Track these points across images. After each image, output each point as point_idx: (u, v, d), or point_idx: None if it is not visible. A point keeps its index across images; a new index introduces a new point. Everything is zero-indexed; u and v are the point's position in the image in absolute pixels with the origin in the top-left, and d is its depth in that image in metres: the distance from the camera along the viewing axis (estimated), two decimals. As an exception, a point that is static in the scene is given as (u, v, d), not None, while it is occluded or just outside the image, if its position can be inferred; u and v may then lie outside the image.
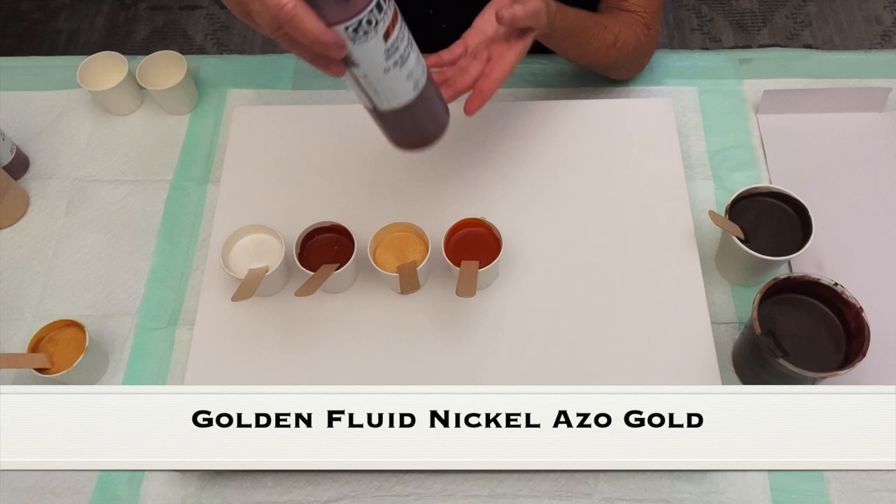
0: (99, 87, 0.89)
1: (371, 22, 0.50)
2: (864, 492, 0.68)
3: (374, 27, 0.50)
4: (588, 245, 0.78)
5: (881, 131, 0.88)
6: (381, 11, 0.50)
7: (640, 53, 0.86)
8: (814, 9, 1.92)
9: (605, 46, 0.81)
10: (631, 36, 0.83)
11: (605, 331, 0.73)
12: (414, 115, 0.60)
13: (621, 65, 0.86)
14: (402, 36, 0.53)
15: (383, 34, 0.51)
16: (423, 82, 0.59)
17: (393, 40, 0.52)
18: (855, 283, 0.67)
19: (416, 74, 0.57)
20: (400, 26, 0.53)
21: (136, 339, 0.79)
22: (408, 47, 0.55)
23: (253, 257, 0.76)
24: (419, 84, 0.58)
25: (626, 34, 0.82)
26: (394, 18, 0.52)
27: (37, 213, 0.88)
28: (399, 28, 0.53)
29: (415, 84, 0.57)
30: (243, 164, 0.85)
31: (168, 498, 0.70)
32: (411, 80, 0.57)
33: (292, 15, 0.46)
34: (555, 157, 0.84)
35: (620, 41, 0.81)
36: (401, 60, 0.54)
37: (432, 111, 0.63)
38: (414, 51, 0.56)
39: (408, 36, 0.55)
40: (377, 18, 0.50)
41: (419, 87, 0.58)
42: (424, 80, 0.59)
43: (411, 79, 0.57)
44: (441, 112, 0.64)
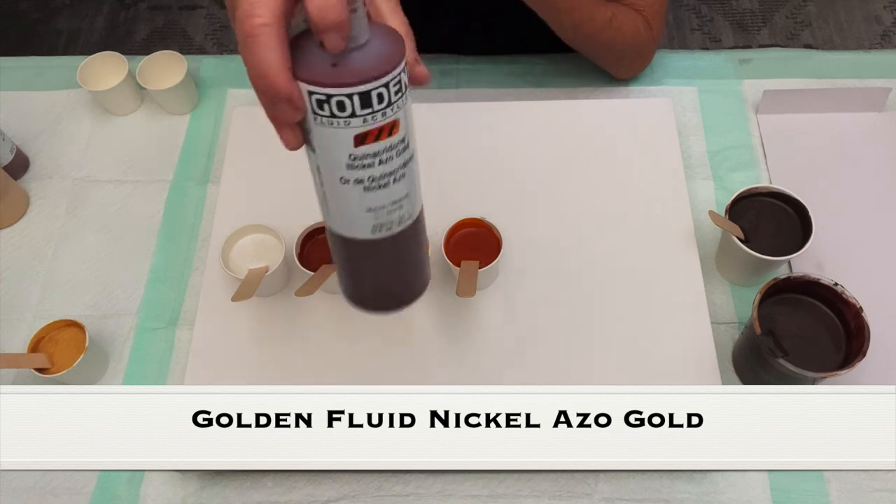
0: (99, 87, 0.89)
1: (343, 108, 0.36)
2: (864, 492, 0.68)
3: (344, 119, 0.37)
4: (588, 245, 0.78)
5: (881, 131, 0.88)
6: (365, 107, 0.36)
7: (640, 48, 0.86)
8: (814, 9, 1.92)
9: (600, 22, 0.80)
10: (629, 23, 0.82)
11: (605, 331, 0.73)
12: (362, 261, 0.45)
13: (619, 51, 0.85)
14: (388, 159, 0.39)
15: (355, 136, 0.37)
16: (396, 233, 0.42)
17: (366, 153, 0.38)
18: (855, 283, 0.66)
19: (388, 217, 0.41)
20: (390, 145, 0.39)
21: (136, 339, 0.79)
22: (390, 179, 0.40)
23: (253, 257, 0.76)
24: (387, 229, 0.42)
25: (623, 19, 0.81)
26: (385, 129, 0.38)
27: (37, 213, 0.88)
28: (388, 147, 0.39)
29: (378, 226, 0.42)
30: (243, 164, 0.85)
31: (168, 498, 0.70)
32: (375, 219, 0.41)
33: (256, 33, 0.35)
34: (555, 157, 0.84)
35: (617, 21, 0.81)
36: (369, 184, 0.39)
37: (392, 273, 0.46)
38: (397, 190, 0.41)
39: (400, 169, 0.40)
40: (353, 109, 0.36)
41: (384, 233, 0.42)
42: (400, 230, 0.43)
43: (377, 218, 0.41)
44: (408, 282, 0.47)
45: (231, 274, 0.73)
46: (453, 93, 0.94)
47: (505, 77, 0.95)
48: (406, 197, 0.42)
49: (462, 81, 0.95)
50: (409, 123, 0.39)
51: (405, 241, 0.44)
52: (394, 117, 0.38)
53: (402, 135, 0.39)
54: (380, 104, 0.37)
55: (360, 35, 0.36)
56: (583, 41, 0.84)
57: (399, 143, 0.39)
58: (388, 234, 0.42)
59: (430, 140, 0.86)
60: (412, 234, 0.44)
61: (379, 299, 0.47)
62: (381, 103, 0.37)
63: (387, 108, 0.37)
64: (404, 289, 0.47)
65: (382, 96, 0.36)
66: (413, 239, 0.44)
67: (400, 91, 0.37)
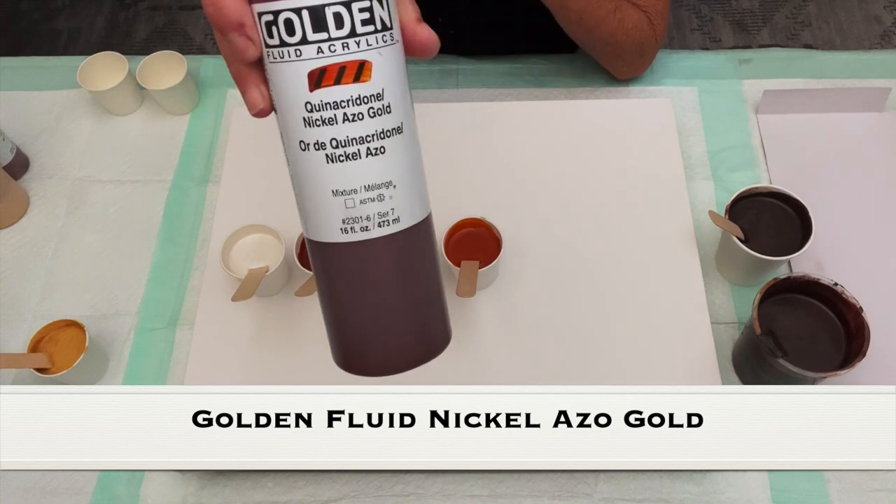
0: (99, 87, 0.89)
1: (292, 29, 0.30)
2: (864, 492, 0.68)
3: (294, 47, 0.30)
4: (588, 245, 0.78)
5: (881, 131, 0.88)
6: (318, 30, 0.30)
7: (642, 44, 0.86)
8: (814, 9, 1.92)
9: (604, 12, 0.80)
10: (632, 19, 0.82)
11: (605, 331, 0.73)
12: (336, 283, 0.34)
13: (620, 46, 0.85)
14: (356, 117, 0.31)
15: (310, 73, 0.30)
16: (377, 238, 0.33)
17: (325, 100, 0.31)
18: (855, 283, 0.66)
19: (362, 210, 0.32)
20: (358, 96, 0.31)
21: (136, 339, 0.79)
22: (361, 149, 0.31)
23: (253, 257, 0.76)
24: (361, 227, 0.32)
25: (627, 13, 0.82)
26: (349, 69, 0.30)
27: (37, 213, 0.88)
28: (354, 97, 0.31)
29: (350, 221, 0.32)
30: (243, 164, 0.85)
31: (168, 498, 0.70)
32: (344, 208, 0.32)
33: None
34: (555, 157, 0.84)
35: (621, 14, 0.81)
36: (332, 150, 0.31)
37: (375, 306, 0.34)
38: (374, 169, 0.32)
39: (377, 138, 0.32)
40: (304, 32, 0.30)
41: (358, 234, 0.32)
42: (382, 236, 0.33)
43: (347, 207, 0.32)
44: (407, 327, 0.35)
45: (231, 274, 0.73)
46: (453, 93, 0.94)
47: (505, 77, 0.95)
48: (389, 186, 0.32)
49: (462, 81, 0.95)
50: (392, 80, 0.32)
51: (392, 256, 0.33)
52: (361, 56, 0.30)
53: (376, 86, 0.31)
54: (338, 29, 0.30)
55: None
56: (586, 33, 0.84)
57: (372, 97, 0.31)
58: (365, 238, 0.32)
59: (430, 140, 0.86)
60: (405, 251, 0.34)
61: (363, 351, 0.35)
62: (341, 28, 0.30)
63: (349, 37, 0.30)
64: (400, 338, 0.34)
65: (341, 18, 0.30)
66: (406, 259, 0.34)
67: (371, 23, 0.31)
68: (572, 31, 0.83)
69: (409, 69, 0.35)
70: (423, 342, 0.36)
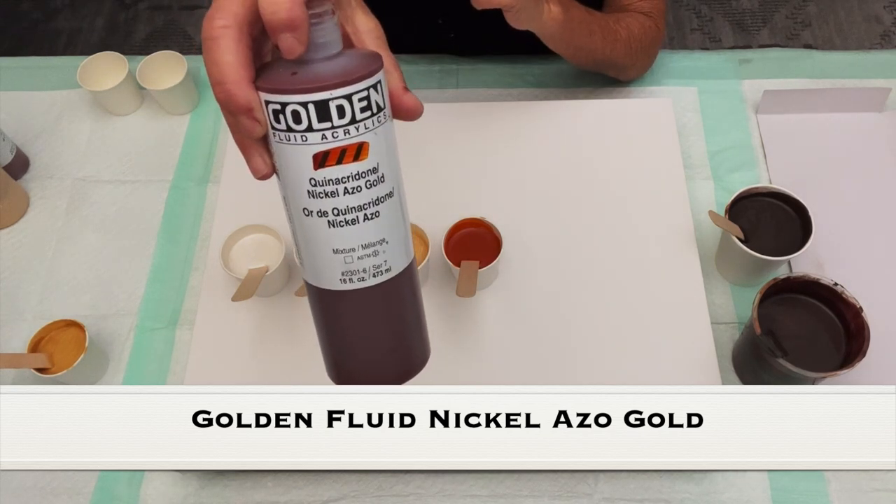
0: (99, 87, 0.89)
1: (299, 119, 0.33)
2: (864, 492, 0.68)
3: (300, 133, 0.34)
4: (588, 245, 0.78)
5: (881, 131, 0.88)
6: (323, 120, 0.33)
7: (649, 49, 0.86)
8: (814, 9, 1.92)
9: (620, 41, 0.80)
10: (636, 26, 0.83)
11: (605, 331, 0.73)
12: (333, 320, 0.39)
13: (634, 58, 0.85)
14: (355, 189, 0.35)
15: (314, 155, 0.34)
16: (371, 286, 0.37)
17: (328, 177, 0.34)
18: (855, 283, 0.66)
19: (359, 264, 0.37)
20: (357, 172, 0.35)
21: (136, 339, 0.79)
22: (359, 215, 0.36)
23: (253, 257, 0.76)
24: (358, 279, 0.37)
25: (635, 29, 0.82)
26: (350, 151, 0.34)
27: (37, 213, 0.88)
28: (354, 174, 0.35)
29: (348, 274, 0.37)
30: (243, 164, 0.85)
31: (168, 498, 0.70)
32: (344, 264, 0.37)
33: (215, 35, 0.34)
34: (555, 157, 0.84)
35: (627, 31, 0.82)
36: (334, 218, 0.35)
37: (367, 339, 0.40)
38: (369, 230, 0.36)
39: (372, 205, 0.36)
40: (310, 121, 0.33)
41: (355, 283, 0.37)
42: (376, 284, 0.37)
43: (346, 263, 0.36)
44: (391, 355, 0.41)
45: (231, 274, 0.73)
46: (453, 93, 0.94)
47: (505, 77, 0.95)
48: (382, 243, 0.37)
49: (462, 81, 0.95)
50: (385, 154, 0.36)
51: (384, 299, 0.38)
52: (360, 139, 0.34)
53: (372, 162, 0.35)
54: (340, 118, 0.34)
55: (325, 46, 0.34)
56: (603, 68, 0.86)
57: (369, 171, 0.35)
58: (361, 287, 0.37)
59: (430, 140, 0.86)
60: (394, 293, 0.38)
61: (355, 373, 0.41)
62: (343, 118, 0.34)
63: (350, 125, 0.34)
64: (386, 363, 0.40)
65: (343, 110, 0.34)
66: (395, 300, 0.39)
67: (368, 110, 0.34)
68: (588, 65, 0.84)
69: (409, 69, 0.37)
70: (407, 364, 0.41)
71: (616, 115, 0.87)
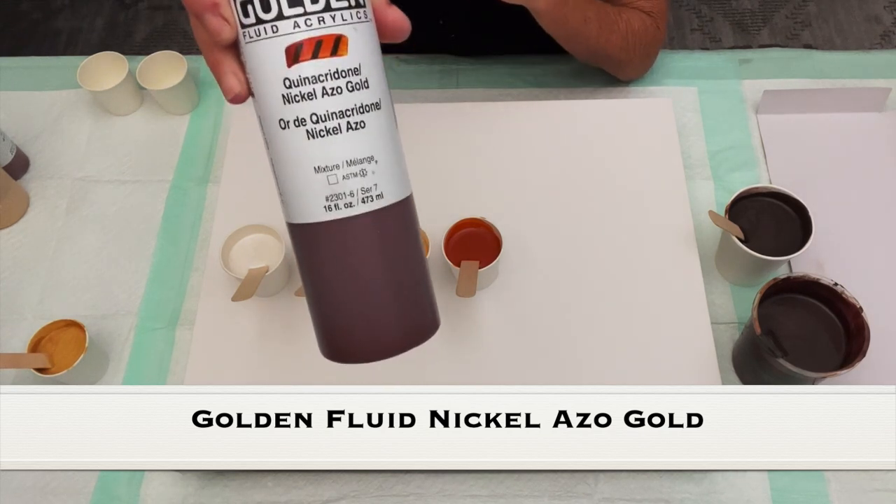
0: (99, 87, 0.89)
1: (268, 5, 0.31)
2: (864, 492, 0.68)
3: (270, 23, 0.31)
4: (588, 245, 0.78)
5: (881, 131, 0.88)
6: (294, 4, 0.31)
7: (649, 47, 0.86)
8: (814, 9, 1.92)
9: (612, 27, 0.80)
10: (637, 22, 0.83)
11: (605, 331, 0.73)
12: (321, 267, 0.34)
13: (631, 53, 0.85)
14: (335, 91, 0.32)
15: (287, 48, 0.31)
16: (361, 214, 0.33)
17: (304, 75, 0.31)
18: (855, 283, 0.66)
19: (345, 185, 0.32)
20: (336, 70, 0.32)
21: (136, 339, 0.79)
22: (342, 123, 0.32)
23: (253, 257, 0.76)
24: (345, 204, 0.32)
25: (631, 21, 0.82)
26: (326, 44, 0.31)
27: (37, 213, 0.88)
28: (332, 71, 0.31)
29: (333, 198, 0.32)
30: (243, 164, 0.85)
31: (168, 498, 0.70)
32: (328, 185, 0.32)
33: None
34: (555, 157, 0.84)
35: (627, 24, 0.82)
36: (313, 126, 0.32)
37: (364, 286, 0.34)
38: (355, 143, 0.32)
39: (356, 112, 0.32)
40: (280, 7, 0.31)
41: (342, 210, 0.32)
42: (367, 212, 0.33)
43: (330, 183, 0.32)
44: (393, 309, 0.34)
45: (231, 274, 0.73)
46: (453, 93, 0.94)
47: (505, 77, 0.95)
48: (370, 161, 0.32)
49: (462, 81, 0.95)
50: (368, 56, 0.32)
51: (377, 231, 0.33)
52: (336, 30, 0.31)
53: (353, 61, 0.32)
54: (313, 3, 0.31)
55: None
56: (601, 61, 0.85)
57: (350, 71, 0.32)
58: (349, 215, 0.32)
59: (431, 140, 0.86)
60: (388, 227, 0.33)
61: (350, 335, 0.34)
62: (315, 3, 0.31)
63: (324, 12, 0.31)
64: (385, 319, 0.34)
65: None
66: (391, 236, 0.34)
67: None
68: (583, 54, 0.84)
69: (409, 69, 0.36)
70: (410, 325, 0.35)
71: (616, 115, 0.87)
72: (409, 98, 0.92)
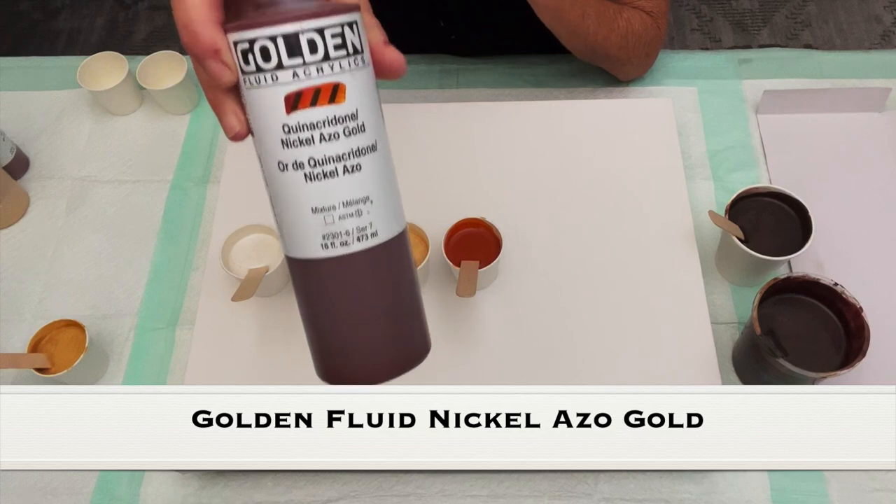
0: (99, 87, 0.89)
1: (268, 56, 0.31)
2: (864, 492, 0.68)
3: (270, 73, 0.32)
4: (588, 245, 0.78)
5: (881, 131, 0.88)
6: (293, 55, 0.31)
7: (649, 49, 0.86)
8: (814, 9, 1.92)
9: (612, 24, 0.80)
10: (637, 21, 0.83)
11: (605, 331, 0.73)
12: (317, 298, 0.36)
13: (631, 51, 0.85)
14: (333, 136, 0.33)
15: (286, 97, 0.32)
16: (357, 252, 0.34)
17: (302, 121, 0.32)
18: (855, 283, 0.67)
19: (341, 225, 0.33)
20: (333, 117, 0.32)
21: (136, 339, 0.79)
22: (339, 167, 0.33)
23: (253, 257, 0.76)
24: (341, 242, 0.34)
25: (632, 19, 0.82)
26: (324, 92, 0.32)
27: (37, 213, 0.88)
28: (330, 118, 0.32)
29: (330, 237, 0.34)
30: (243, 164, 0.85)
31: (168, 498, 0.70)
32: (324, 225, 0.33)
33: None
34: (555, 157, 0.84)
35: (627, 22, 0.82)
36: (311, 170, 0.33)
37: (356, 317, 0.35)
38: (351, 185, 0.33)
39: (352, 156, 0.33)
40: (280, 58, 0.31)
41: (338, 249, 0.34)
42: (362, 250, 0.34)
43: (326, 223, 0.33)
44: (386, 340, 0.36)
45: (231, 274, 0.73)
46: (453, 93, 0.94)
47: (505, 77, 0.95)
48: (366, 201, 0.34)
49: (462, 81, 0.95)
50: (365, 101, 0.33)
51: (371, 268, 0.35)
52: (335, 78, 0.32)
53: (350, 107, 0.33)
54: (312, 54, 0.31)
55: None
56: (600, 60, 0.85)
57: (347, 117, 0.33)
58: (345, 253, 0.34)
59: (431, 140, 0.86)
60: (382, 263, 0.35)
61: (344, 363, 0.36)
62: (315, 53, 0.31)
63: (323, 62, 0.32)
64: (378, 349, 0.36)
65: (315, 45, 0.31)
66: (385, 271, 0.35)
67: (343, 48, 0.32)
68: (583, 51, 0.84)
69: (409, 69, 0.37)
70: (403, 352, 0.37)
71: (616, 115, 0.87)
72: (409, 98, 0.92)
